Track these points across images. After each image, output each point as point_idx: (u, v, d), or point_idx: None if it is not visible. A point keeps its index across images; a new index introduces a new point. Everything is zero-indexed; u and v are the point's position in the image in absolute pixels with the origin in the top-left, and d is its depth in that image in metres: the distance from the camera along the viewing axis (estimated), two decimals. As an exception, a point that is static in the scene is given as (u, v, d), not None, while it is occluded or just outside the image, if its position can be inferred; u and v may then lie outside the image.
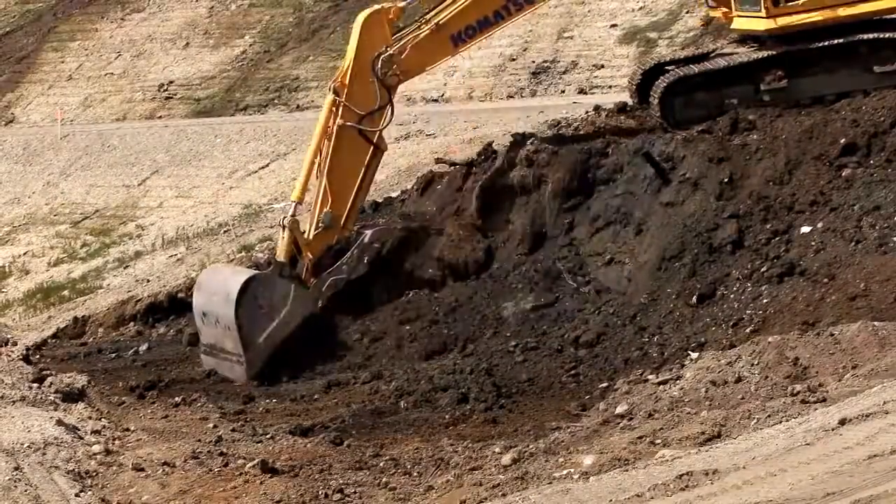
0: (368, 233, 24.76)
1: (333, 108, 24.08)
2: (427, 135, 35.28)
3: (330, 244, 24.35)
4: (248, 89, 44.65)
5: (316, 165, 24.08)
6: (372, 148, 24.43)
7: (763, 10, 24.39)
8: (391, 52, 24.17)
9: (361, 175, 24.39)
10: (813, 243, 21.90)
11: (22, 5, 54.38)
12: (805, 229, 22.19)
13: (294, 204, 24.15)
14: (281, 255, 24.00)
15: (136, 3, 50.87)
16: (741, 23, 25.35)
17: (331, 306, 24.10)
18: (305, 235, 24.11)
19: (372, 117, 24.25)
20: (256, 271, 24.05)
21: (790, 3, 24.43)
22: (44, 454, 18.17)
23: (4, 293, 33.64)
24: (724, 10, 26.10)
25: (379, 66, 24.09)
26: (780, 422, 15.68)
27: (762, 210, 22.70)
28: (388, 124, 24.63)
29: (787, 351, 18.86)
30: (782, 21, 24.37)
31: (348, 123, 24.03)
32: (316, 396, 22.11)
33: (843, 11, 24.35)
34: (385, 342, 23.67)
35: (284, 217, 24.27)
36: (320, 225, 24.10)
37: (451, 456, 18.16)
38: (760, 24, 24.59)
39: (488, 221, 25.11)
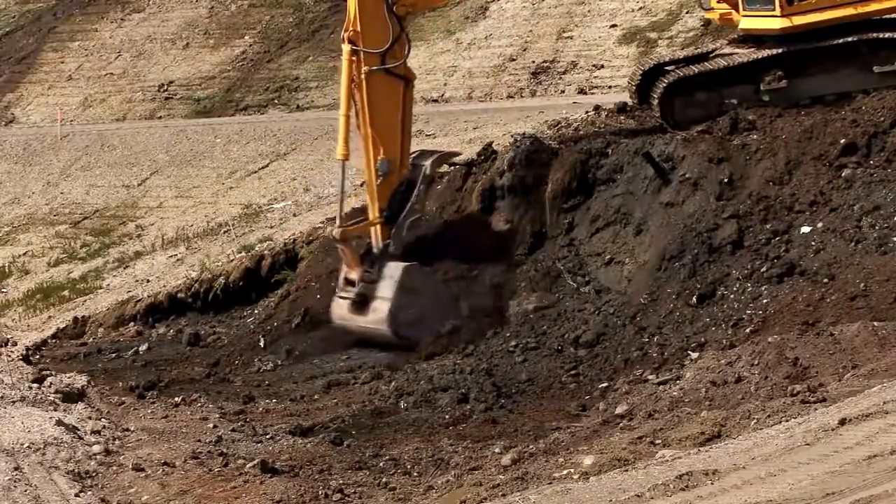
0: (427, 164, 24.56)
1: (353, 59, 23.84)
2: (427, 135, 35.24)
3: (394, 188, 24.15)
4: (248, 89, 44.62)
5: (353, 119, 23.79)
6: (403, 82, 24.33)
7: (777, 9, 24.26)
8: None
9: (402, 112, 24.28)
10: (813, 243, 21.90)
11: (22, 5, 54.36)
12: (805, 229, 22.20)
13: (342, 162, 23.91)
14: (353, 271, 23.88)
15: (136, 3, 50.84)
16: (750, 22, 25.12)
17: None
18: (370, 187, 23.92)
19: (392, 52, 24.06)
20: (380, 310, 23.59)
21: (804, 2, 24.34)
22: (44, 454, 18.17)
23: (4, 293, 33.62)
24: (723, 11, 26.01)
25: None
26: (780, 422, 15.68)
27: (762, 210, 22.70)
28: (409, 53, 24.46)
29: (787, 351, 18.88)
30: (798, 20, 24.28)
31: (374, 68, 23.85)
32: (316, 396, 22.12)
33: (861, 9, 24.28)
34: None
35: (331, 231, 24.02)
36: (379, 175, 23.95)
37: (451, 456, 18.16)
38: (775, 23, 24.44)
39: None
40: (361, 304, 23.73)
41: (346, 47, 23.90)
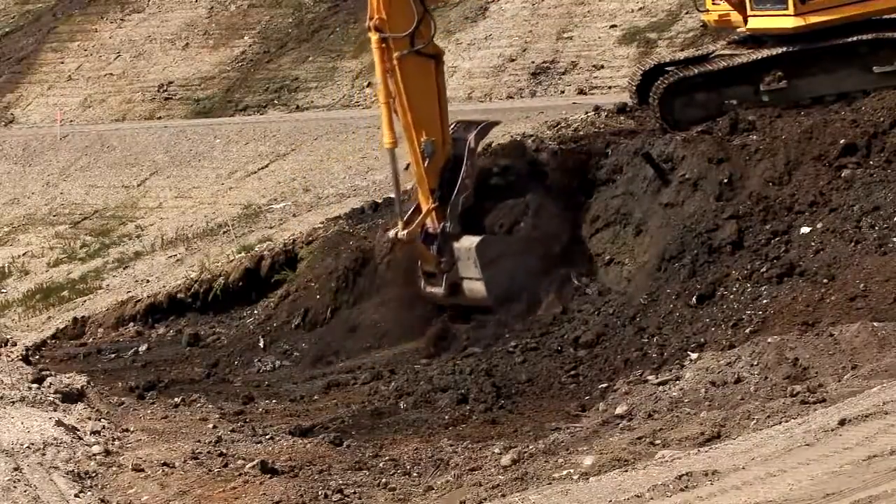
0: (471, 137, 24.44)
1: (382, 46, 23.67)
2: (427, 135, 35.22)
3: (441, 167, 24.09)
4: (248, 90, 44.60)
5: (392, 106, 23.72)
6: (434, 60, 24.28)
7: (791, 8, 24.16)
8: None
9: (437, 90, 24.24)
10: (813, 244, 21.89)
11: (22, 6, 54.35)
12: (805, 230, 22.19)
13: (390, 151, 23.84)
14: (429, 264, 23.88)
15: (135, 3, 50.83)
16: (759, 22, 24.95)
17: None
18: (418, 170, 23.92)
19: (419, 32, 23.93)
20: (477, 289, 23.72)
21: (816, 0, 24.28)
22: (43, 454, 18.17)
23: (4, 293, 33.63)
24: (721, 12, 25.91)
25: None
26: (780, 422, 15.69)
27: (762, 210, 22.69)
28: (436, 30, 24.31)
29: (786, 351, 18.88)
30: (812, 18, 24.19)
31: (405, 52, 23.73)
32: (315, 397, 22.13)
33: (876, 6, 24.22)
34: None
35: (397, 233, 23.81)
36: (425, 157, 23.89)
37: (451, 456, 18.16)
38: (788, 23, 24.32)
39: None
40: (454, 290, 23.82)
41: (373, 36, 23.69)
